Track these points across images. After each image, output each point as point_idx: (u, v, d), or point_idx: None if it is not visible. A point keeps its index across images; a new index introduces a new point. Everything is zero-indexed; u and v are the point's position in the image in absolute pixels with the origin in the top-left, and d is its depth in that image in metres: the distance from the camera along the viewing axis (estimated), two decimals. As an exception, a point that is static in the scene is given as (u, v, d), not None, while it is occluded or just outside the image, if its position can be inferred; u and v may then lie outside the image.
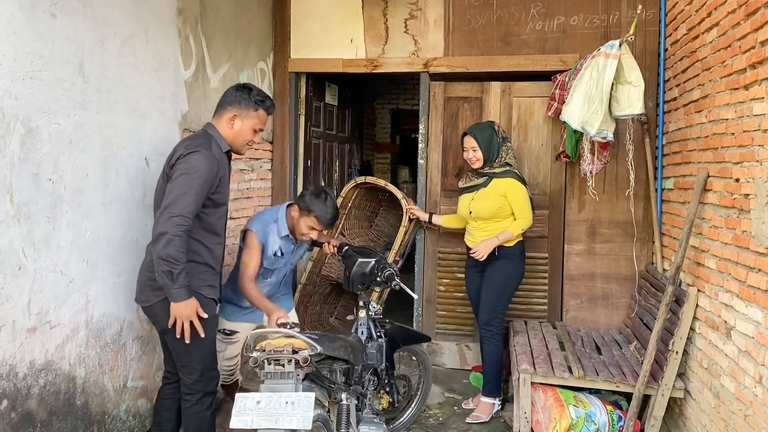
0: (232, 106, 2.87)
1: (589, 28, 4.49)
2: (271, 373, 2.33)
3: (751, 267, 2.59)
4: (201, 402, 2.79)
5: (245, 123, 2.88)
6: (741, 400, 2.65)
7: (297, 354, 2.32)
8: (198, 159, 2.64)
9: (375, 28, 4.83)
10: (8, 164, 2.34)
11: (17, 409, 2.42)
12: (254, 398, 2.27)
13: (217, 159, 2.72)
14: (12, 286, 2.38)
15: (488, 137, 3.90)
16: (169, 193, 2.59)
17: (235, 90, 2.91)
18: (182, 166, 2.63)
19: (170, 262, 2.49)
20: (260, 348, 2.34)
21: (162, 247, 2.49)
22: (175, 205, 2.54)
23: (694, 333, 3.32)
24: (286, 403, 2.25)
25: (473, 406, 4.11)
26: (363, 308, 3.32)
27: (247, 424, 2.24)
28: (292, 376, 2.32)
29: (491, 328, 3.95)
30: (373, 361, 3.20)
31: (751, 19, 2.64)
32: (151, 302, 2.74)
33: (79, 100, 2.73)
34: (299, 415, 2.22)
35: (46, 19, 2.53)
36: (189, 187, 2.58)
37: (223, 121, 2.87)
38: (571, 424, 3.44)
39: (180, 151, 2.70)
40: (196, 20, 3.72)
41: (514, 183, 3.87)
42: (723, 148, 2.99)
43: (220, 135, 2.85)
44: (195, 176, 2.60)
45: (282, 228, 3.35)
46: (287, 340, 2.35)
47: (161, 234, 2.51)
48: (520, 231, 3.88)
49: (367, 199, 5.18)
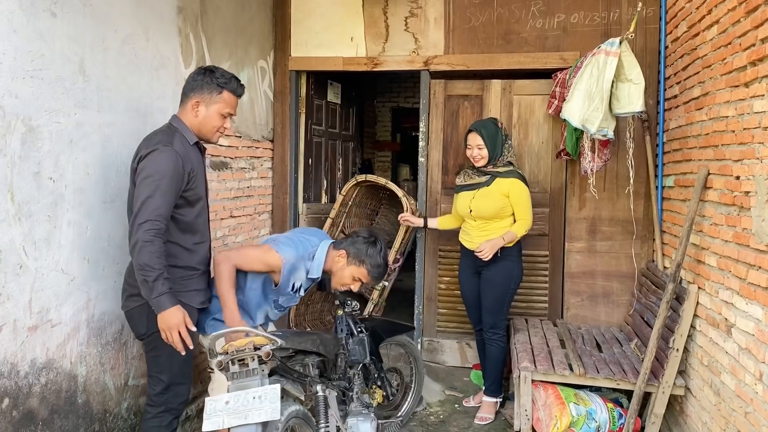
0: (194, 92, 2.69)
1: (590, 26, 4.49)
2: (237, 373, 2.36)
3: (751, 264, 2.59)
4: (161, 417, 2.68)
5: (210, 108, 2.70)
6: (741, 398, 2.65)
7: (258, 350, 2.35)
8: (158, 158, 2.49)
9: (375, 26, 4.83)
10: (9, 163, 2.35)
11: (19, 407, 2.42)
12: (223, 399, 2.31)
13: (181, 154, 2.56)
14: (13, 285, 2.38)
15: (493, 134, 3.87)
16: (135, 199, 2.48)
17: (195, 74, 2.73)
18: (144, 170, 2.49)
19: (145, 270, 2.38)
20: (223, 351, 2.36)
21: (136, 258, 2.40)
22: (143, 212, 2.43)
23: (694, 330, 3.32)
24: (253, 398, 2.29)
25: (474, 405, 4.12)
26: (340, 307, 3.27)
27: (219, 425, 2.27)
28: (257, 373, 2.36)
29: (497, 330, 3.93)
30: (357, 356, 3.17)
31: (751, 17, 2.64)
32: (129, 308, 2.68)
33: (79, 99, 2.73)
34: (267, 407, 2.28)
35: (47, 18, 2.53)
36: (153, 190, 2.45)
37: (187, 109, 2.71)
38: (572, 422, 3.45)
39: (141, 150, 2.56)
40: (196, 19, 3.72)
41: (519, 184, 3.84)
42: (723, 145, 2.99)
43: (185, 126, 2.70)
44: (158, 176, 2.46)
45: (316, 270, 2.97)
46: (248, 339, 2.38)
47: (134, 245, 2.41)
48: (524, 232, 3.86)
49: (368, 198, 5.19)
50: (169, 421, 2.71)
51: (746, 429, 2.58)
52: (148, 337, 2.65)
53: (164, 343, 2.52)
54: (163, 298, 2.40)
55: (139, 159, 2.54)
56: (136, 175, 2.53)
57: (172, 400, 2.70)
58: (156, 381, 2.68)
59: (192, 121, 2.71)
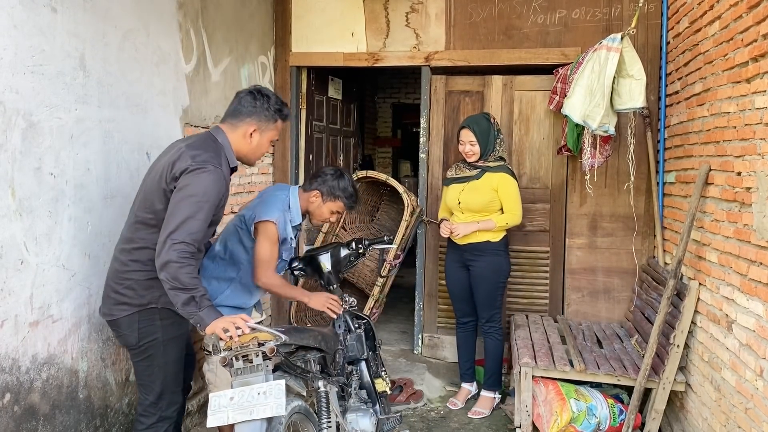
0: (251, 118, 2.59)
1: (591, 22, 4.48)
2: (241, 369, 2.34)
3: (752, 260, 2.59)
4: (155, 427, 2.60)
5: (264, 136, 2.63)
6: (742, 394, 2.65)
7: (263, 346, 2.33)
8: (209, 180, 2.38)
9: (376, 22, 4.82)
10: (10, 158, 2.34)
11: (20, 402, 2.43)
12: (227, 395, 2.30)
13: (226, 180, 2.48)
14: (14, 281, 2.38)
15: (485, 130, 3.88)
16: (172, 214, 2.35)
17: (252, 99, 2.61)
18: (191, 186, 2.36)
19: (187, 289, 2.29)
20: (227, 347, 2.34)
21: (173, 278, 2.28)
22: (180, 232, 2.30)
23: (695, 326, 3.32)
24: (258, 394, 2.27)
25: (461, 404, 4.11)
26: None
27: (223, 420, 2.26)
28: (262, 368, 2.34)
29: (493, 324, 3.96)
30: (355, 352, 3.19)
31: (753, 12, 2.63)
32: (115, 317, 2.53)
33: (80, 95, 2.73)
34: (272, 403, 2.25)
35: (47, 13, 2.52)
36: (196, 211, 2.34)
37: (238, 133, 2.59)
38: (573, 418, 3.45)
39: (186, 162, 2.40)
40: (196, 14, 3.71)
41: (507, 178, 3.86)
42: (725, 141, 2.98)
43: (230, 147, 2.58)
44: (203, 199, 2.36)
45: (296, 216, 3.14)
46: (251, 335, 2.36)
47: (167, 263, 2.28)
48: (504, 224, 3.86)
49: (369, 194, 5.18)
50: (165, 430, 2.62)
51: (746, 425, 2.58)
52: (140, 346, 2.54)
53: (158, 352, 2.50)
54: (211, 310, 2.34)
55: (184, 169, 2.38)
56: (177, 187, 2.39)
57: (166, 409, 2.62)
58: (148, 390, 2.59)
59: (242, 146, 2.61)
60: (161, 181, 2.45)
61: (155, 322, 2.53)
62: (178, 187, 2.38)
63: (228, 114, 2.65)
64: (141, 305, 2.50)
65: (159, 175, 2.47)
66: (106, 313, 2.58)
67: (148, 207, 2.47)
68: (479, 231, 3.88)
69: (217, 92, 3.97)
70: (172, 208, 2.36)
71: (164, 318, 2.54)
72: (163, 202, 2.43)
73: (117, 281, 2.52)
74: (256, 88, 2.69)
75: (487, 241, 3.88)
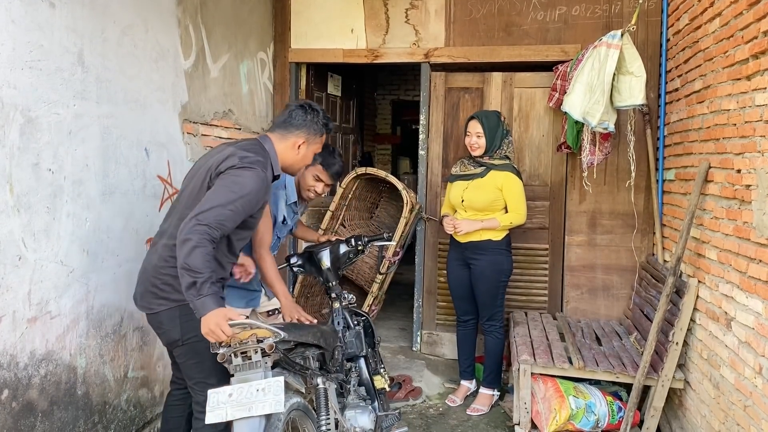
0: (300, 131, 2.68)
1: (591, 18, 4.47)
2: (240, 365, 2.34)
3: (751, 258, 2.59)
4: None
5: (310, 148, 2.72)
6: (741, 391, 2.65)
7: (261, 343, 2.32)
8: (251, 178, 2.43)
9: (376, 18, 4.81)
10: (8, 154, 2.34)
11: (18, 398, 2.42)
12: (226, 392, 2.29)
13: (268, 184, 2.53)
14: (12, 277, 2.38)
15: (494, 125, 3.87)
16: (207, 198, 2.38)
17: (303, 112, 2.70)
18: (231, 178, 2.42)
19: (194, 272, 2.25)
20: (225, 343, 2.33)
21: (185, 256, 2.26)
22: (208, 214, 2.31)
23: (694, 324, 3.32)
24: (256, 390, 2.27)
25: (460, 401, 4.11)
26: (336, 299, 3.27)
27: (222, 417, 2.26)
28: (261, 365, 2.34)
29: (494, 323, 3.96)
30: (354, 349, 3.18)
31: (753, 9, 2.63)
32: (154, 311, 2.54)
33: (78, 90, 2.72)
34: (271, 399, 2.26)
35: (45, 8, 2.51)
36: (230, 201, 2.37)
37: (287, 144, 2.67)
38: (571, 415, 3.45)
39: (233, 160, 2.46)
40: (195, 10, 3.70)
41: (513, 178, 3.85)
42: (724, 138, 2.98)
43: (276, 156, 2.63)
44: (240, 193, 2.40)
45: (291, 194, 3.16)
46: (250, 331, 2.35)
47: (186, 240, 2.27)
48: (508, 223, 3.85)
49: (368, 191, 5.17)
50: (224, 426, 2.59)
51: (745, 422, 2.58)
52: (185, 343, 2.53)
53: (205, 346, 2.39)
54: (210, 299, 2.27)
55: (230, 166, 2.45)
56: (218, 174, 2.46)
57: None
58: (203, 386, 2.51)
59: (289, 156, 2.69)
60: (206, 178, 2.51)
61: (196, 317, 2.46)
62: (220, 177, 2.44)
63: (277, 125, 2.72)
64: (180, 300, 2.45)
65: (205, 172, 2.53)
66: (145, 306, 2.58)
67: (192, 205, 2.47)
68: (482, 229, 3.87)
69: (216, 88, 3.96)
70: (209, 193, 2.41)
71: None
72: None
73: (156, 275, 2.52)
74: (306, 102, 2.79)
75: (488, 239, 3.87)
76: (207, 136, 3.86)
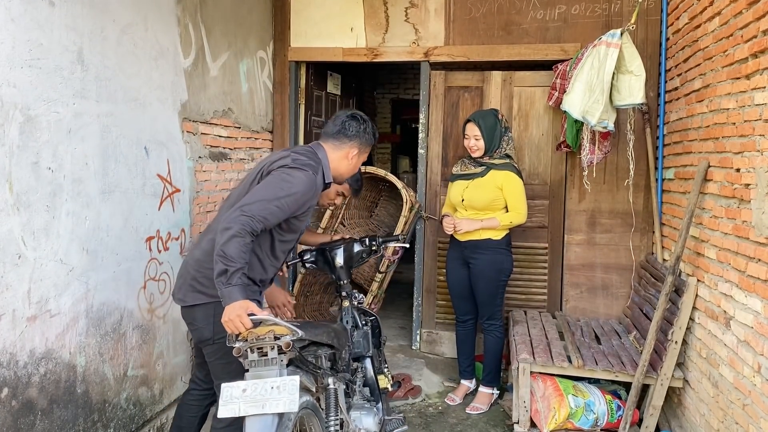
0: (353, 141, 2.75)
1: (591, 17, 4.47)
2: (255, 361, 2.32)
3: (750, 257, 2.59)
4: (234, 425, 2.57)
5: (361, 158, 2.81)
6: (739, 390, 2.65)
7: (279, 340, 2.31)
8: (301, 178, 2.49)
9: (375, 17, 4.80)
10: (7, 153, 2.34)
11: (18, 397, 2.42)
12: (240, 387, 2.28)
13: (316, 189, 2.59)
14: (12, 275, 2.38)
15: (491, 126, 3.86)
16: (253, 193, 2.44)
17: (357, 123, 2.77)
18: (281, 176, 2.48)
19: (228, 260, 2.28)
20: (242, 338, 2.32)
21: (223, 243, 2.29)
22: (252, 206, 2.37)
23: (693, 323, 3.33)
24: (271, 388, 2.25)
25: (459, 400, 4.11)
26: (347, 298, 3.28)
27: (235, 412, 2.24)
28: (276, 362, 2.32)
29: (494, 322, 3.96)
30: (360, 348, 3.19)
31: (753, 8, 2.63)
32: (188, 303, 2.60)
33: (78, 89, 2.72)
34: (285, 398, 2.24)
35: (45, 7, 2.51)
36: (276, 198, 2.42)
37: (341, 153, 2.74)
38: (570, 414, 3.46)
39: (286, 161, 2.54)
40: (195, 8, 3.70)
41: (513, 177, 3.85)
42: (724, 137, 2.98)
43: (328, 164, 2.70)
44: (290, 192, 2.45)
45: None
46: (268, 327, 2.34)
47: (226, 228, 2.31)
48: (508, 223, 3.85)
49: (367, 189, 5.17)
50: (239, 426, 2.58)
51: (744, 421, 2.59)
52: (215, 342, 2.57)
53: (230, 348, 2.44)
54: (237, 289, 2.31)
55: (282, 166, 2.52)
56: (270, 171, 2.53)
57: None
58: None
59: (342, 165, 2.76)
60: (257, 176, 2.58)
61: None
62: (271, 174, 2.51)
63: (330, 135, 2.77)
64: (215, 297, 2.46)
65: (257, 172, 2.61)
66: (181, 299, 2.64)
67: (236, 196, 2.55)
68: (482, 229, 3.87)
69: (215, 87, 3.96)
70: (258, 187, 2.48)
71: None
72: None
73: (198, 268, 2.59)
74: (357, 113, 2.85)
75: (488, 238, 3.87)
76: (206, 134, 3.87)
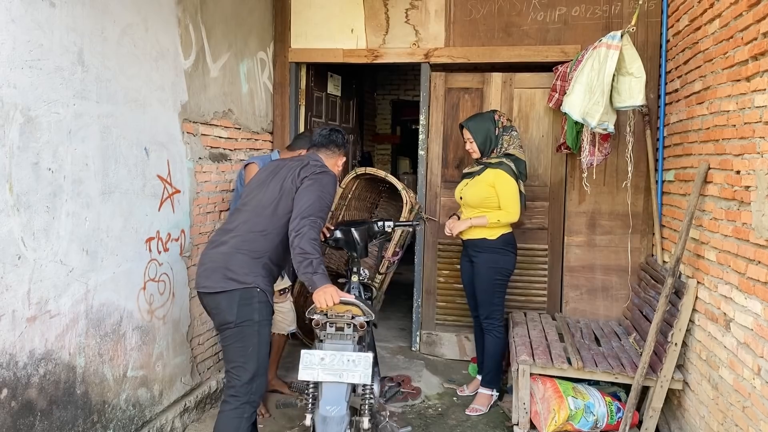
0: (340, 150, 3.22)
1: (591, 19, 4.47)
2: (332, 334, 2.67)
3: (750, 259, 2.59)
4: (242, 409, 2.75)
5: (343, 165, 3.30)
6: (739, 392, 2.65)
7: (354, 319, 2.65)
8: (330, 179, 2.98)
9: (376, 18, 4.81)
10: (7, 153, 2.34)
11: (17, 398, 2.42)
12: (318, 355, 2.62)
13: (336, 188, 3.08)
14: (11, 276, 2.38)
15: (483, 129, 3.92)
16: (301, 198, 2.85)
17: (342, 136, 3.23)
18: (317, 181, 2.91)
19: (308, 254, 2.67)
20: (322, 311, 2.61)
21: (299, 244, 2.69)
22: (310, 209, 2.80)
23: (693, 325, 3.33)
24: (348, 360, 2.60)
25: (469, 393, 4.14)
26: (355, 274, 3.62)
27: (314, 377, 2.59)
28: (350, 338, 2.67)
29: (492, 321, 3.96)
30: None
31: (753, 10, 2.63)
32: (216, 290, 2.78)
33: (78, 90, 2.72)
34: (360, 371, 2.59)
35: (45, 7, 2.51)
36: (320, 197, 2.87)
37: (332, 161, 3.18)
38: (570, 415, 3.46)
39: (312, 168, 2.98)
40: (195, 9, 3.70)
41: (503, 175, 3.86)
42: (724, 139, 2.98)
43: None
44: (325, 191, 2.91)
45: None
46: (347, 307, 2.64)
47: (299, 233, 2.72)
48: (495, 220, 3.85)
49: (368, 190, 5.17)
50: (250, 414, 2.78)
51: (744, 423, 2.59)
52: (237, 326, 2.75)
53: (252, 332, 2.75)
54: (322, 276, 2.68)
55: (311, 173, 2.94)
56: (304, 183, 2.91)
57: (255, 392, 2.79)
58: (242, 371, 2.76)
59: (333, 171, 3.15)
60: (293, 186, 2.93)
61: (253, 304, 2.77)
62: (307, 181, 2.91)
63: (321, 144, 3.19)
64: (246, 284, 2.77)
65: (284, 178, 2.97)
66: (210, 286, 2.81)
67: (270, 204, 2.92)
68: (476, 227, 3.90)
69: (215, 88, 3.96)
70: (301, 195, 2.87)
71: (261, 301, 2.80)
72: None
73: (231, 257, 2.82)
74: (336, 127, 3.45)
75: (483, 238, 3.89)
76: (207, 135, 3.87)
